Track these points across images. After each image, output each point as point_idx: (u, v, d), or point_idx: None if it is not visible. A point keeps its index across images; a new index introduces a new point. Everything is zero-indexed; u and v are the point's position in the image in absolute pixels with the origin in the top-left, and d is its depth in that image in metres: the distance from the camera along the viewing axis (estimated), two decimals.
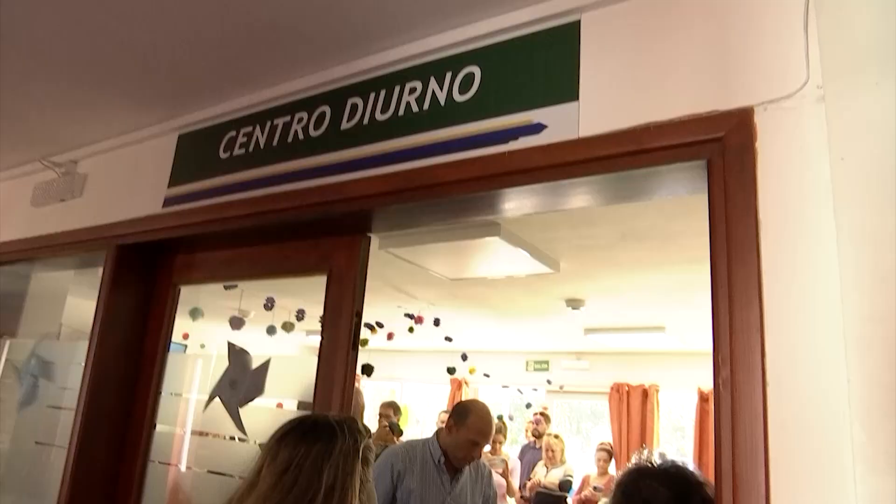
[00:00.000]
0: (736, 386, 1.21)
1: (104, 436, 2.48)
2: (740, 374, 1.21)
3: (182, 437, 2.48)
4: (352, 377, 1.96)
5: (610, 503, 1.59)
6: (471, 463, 3.17)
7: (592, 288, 4.89)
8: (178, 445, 2.47)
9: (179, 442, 2.47)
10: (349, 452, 1.32)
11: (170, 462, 2.43)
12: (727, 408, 1.22)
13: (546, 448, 6.89)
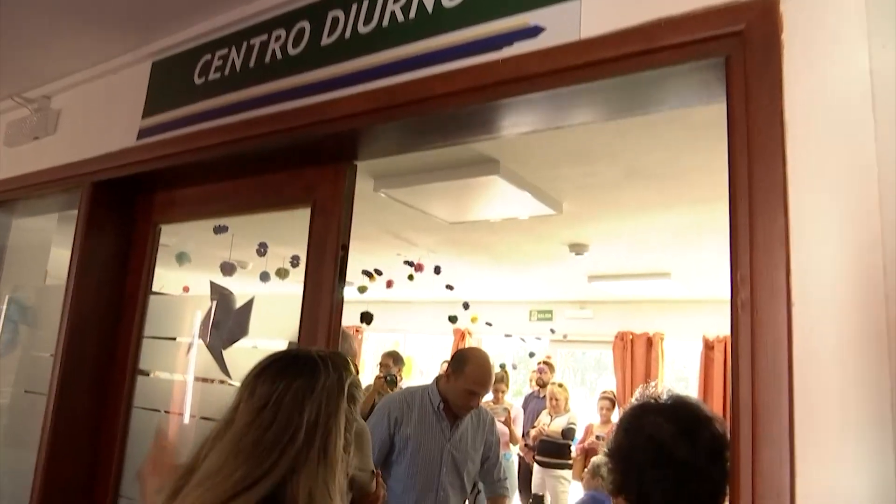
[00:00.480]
0: (757, 308, 1.07)
1: (85, 382, 2.38)
2: (762, 295, 1.07)
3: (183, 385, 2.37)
4: (338, 314, 1.83)
5: (612, 442, 1.47)
6: (470, 412, 3.08)
7: (596, 232, 4.74)
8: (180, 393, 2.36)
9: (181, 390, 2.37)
10: (333, 388, 1.18)
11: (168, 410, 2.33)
12: (746, 333, 1.08)
13: (550, 397, 6.85)
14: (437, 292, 7.34)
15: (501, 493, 3.28)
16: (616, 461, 1.42)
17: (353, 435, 1.26)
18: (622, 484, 1.39)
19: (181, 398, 2.30)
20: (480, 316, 7.49)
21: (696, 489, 1.33)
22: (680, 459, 1.32)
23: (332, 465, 1.14)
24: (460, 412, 3.04)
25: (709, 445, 1.36)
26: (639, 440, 1.38)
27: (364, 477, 2.48)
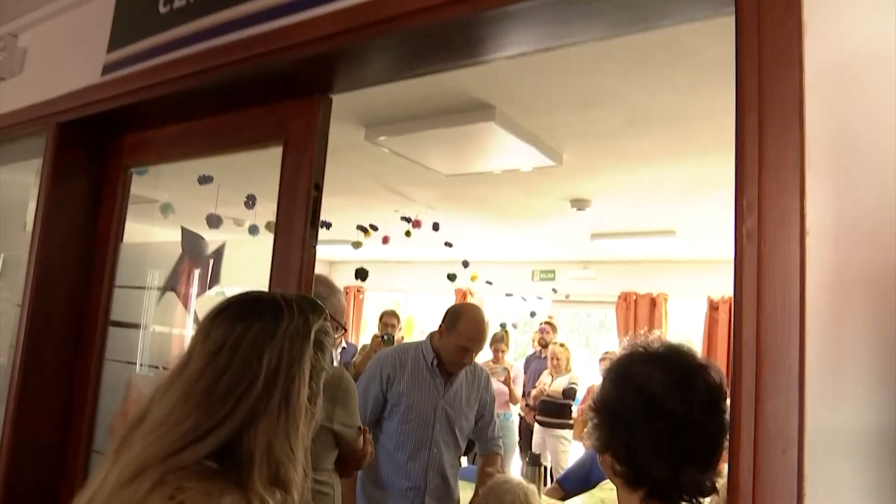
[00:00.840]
0: (765, 238, 0.93)
1: (55, 333, 2.26)
2: (771, 222, 0.93)
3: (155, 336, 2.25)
4: (310, 259, 1.70)
5: (597, 395, 1.35)
6: (463, 369, 2.97)
7: (598, 186, 4.57)
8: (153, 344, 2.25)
9: (153, 341, 2.26)
10: (297, 333, 1.06)
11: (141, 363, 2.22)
12: (752, 266, 0.94)
13: (551, 356, 6.77)
14: (438, 252, 7.21)
15: (494, 450, 3.20)
16: (602, 416, 1.29)
17: (320, 385, 1.14)
18: (608, 440, 1.27)
19: (154, 350, 2.19)
20: (482, 276, 7.37)
21: (690, 443, 1.20)
22: (672, 412, 1.20)
23: (294, 415, 1.03)
24: (453, 369, 2.93)
25: (704, 396, 1.23)
26: (626, 392, 1.25)
27: (350, 433, 2.39)
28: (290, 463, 1.01)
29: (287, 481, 1.01)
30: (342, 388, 2.37)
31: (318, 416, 1.15)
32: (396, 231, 5.61)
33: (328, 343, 1.15)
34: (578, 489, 4.32)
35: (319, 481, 2.33)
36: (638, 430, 1.21)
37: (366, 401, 2.91)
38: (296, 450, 1.03)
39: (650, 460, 1.21)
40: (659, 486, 1.22)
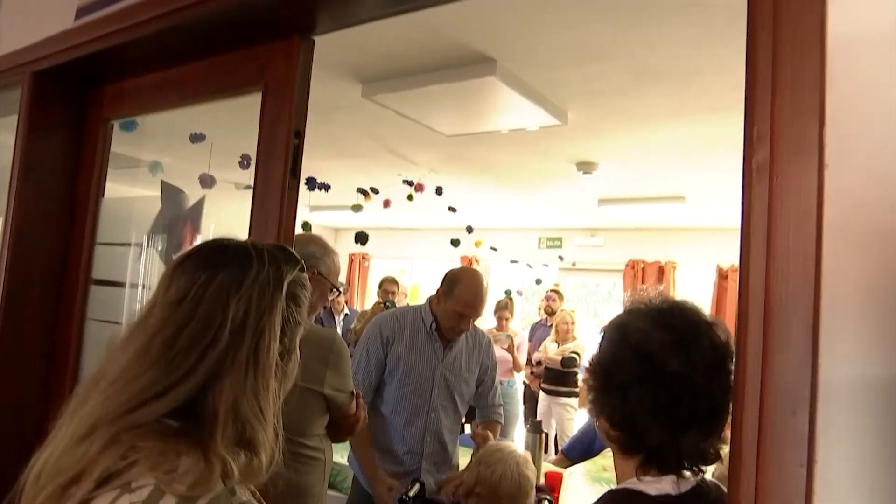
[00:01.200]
0: (777, 172, 0.82)
1: (35, 292, 2.18)
2: (784, 154, 0.81)
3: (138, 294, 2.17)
4: (291, 210, 1.59)
5: (593, 357, 1.25)
6: (460, 335, 2.88)
7: (605, 148, 4.43)
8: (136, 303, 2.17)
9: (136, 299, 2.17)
10: (268, 283, 0.97)
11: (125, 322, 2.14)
12: (762, 204, 0.83)
13: (558, 322, 6.69)
14: (443, 219, 7.11)
15: (494, 418, 3.12)
16: (597, 377, 1.19)
17: (295, 341, 1.05)
18: (603, 403, 1.17)
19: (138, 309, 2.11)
20: (487, 243, 7.27)
21: (692, 407, 1.10)
22: (672, 373, 1.10)
23: (263, 373, 0.94)
24: (450, 335, 2.85)
25: (708, 356, 1.13)
26: (623, 352, 1.15)
27: (342, 398, 2.31)
28: (258, 423, 0.93)
29: (254, 442, 0.93)
30: (334, 350, 2.28)
31: (293, 374, 1.06)
32: (399, 195, 5.49)
33: (304, 296, 1.05)
34: (582, 458, 4.27)
35: (309, 446, 2.25)
36: (634, 393, 1.11)
37: (368, 363, 2.84)
38: (265, 409, 0.94)
39: (648, 425, 1.11)
40: (657, 452, 1.13)
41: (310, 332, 2.31)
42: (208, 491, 0.86)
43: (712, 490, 1.21)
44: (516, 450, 2.37)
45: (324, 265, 2.34)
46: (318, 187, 4.67)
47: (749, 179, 0.84)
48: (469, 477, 2.34)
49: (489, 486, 2.25)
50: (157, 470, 0.83)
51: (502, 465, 2.26)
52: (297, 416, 2.18)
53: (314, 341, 2.24)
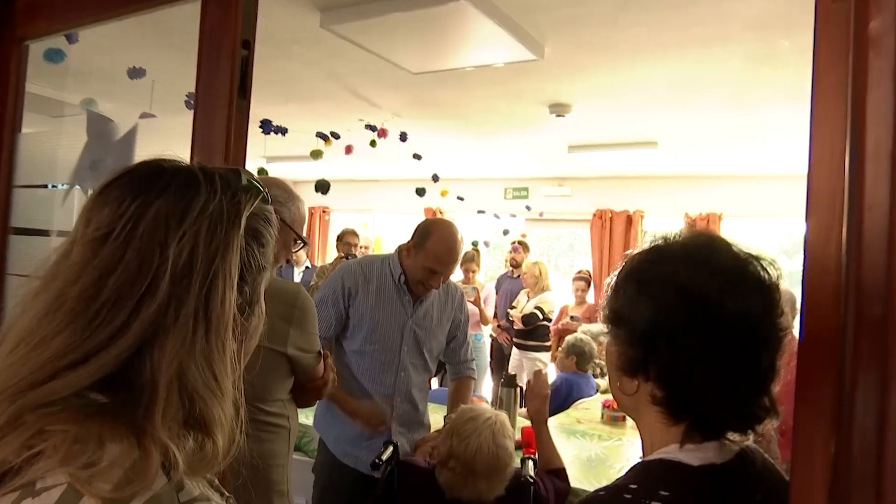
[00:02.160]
0: None
1: None
2: None
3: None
4: (240, 139, 1.33)
5: (613, 303, 1.02)
6: (429, 292, 2.66)
7: (581, 88, 4.18)
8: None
9: None
10: (221, 216, 0.74)
11: None
12: None
13: (524, 275, 6.54)
14: (407, 169, 6.82)
15: (467, 374, 2.93)
16: (629, 330, 0.97)
17: (258, 290, 0.83)
18: (643, 361, 0.95)
19: None
20: (453, 193, 7.01)
21: (753, 357, 0.91)
22: (733, 317, 0.89)
23: (217, 331, 0.72)
24: (419, 291, 2.62)
25: (765, 296, 0.93)
26: (666, 297, 0.93)
27: (308, 359, 2.06)
28: (212, 396, 0.71)
29: (208, 421, 0.71)
30: (298, 306, 2.02)
31: (257, 332, 0.85)
32: (361, 142, 5.18)
33: (269, 233, 0.82)
34: (553, 413, 4.15)
35: (271, 412, 2.00)
36: (688, 345, 0.90)
37: (325, 315, 2.61)
38: (221, 377, 0.73)
39: (705, 382, 0.90)
40: (711, 415, 0.93)
41: (272, 286, 2.06)
42: (144, 489, 0.64)
43: (756, 456, 1.02)
44: (493, 416, 2.16)
45: (287, 212, 2.07)
46: (274, 131, 4.33)
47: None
48: (442, 448, 2.14)
49: (463, 462, 2.05)
50: (71, 464, 0.62)
51: (477, 436, 2.06)
52: (257, 379, 1.93)
53: (275, 296, 1.98)
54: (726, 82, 3.88)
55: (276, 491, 2.01)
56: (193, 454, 0.71)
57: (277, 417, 2.02)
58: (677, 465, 0.94)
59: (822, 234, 0.82)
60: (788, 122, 4.66)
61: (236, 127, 1.31)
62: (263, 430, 1.97)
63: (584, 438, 3.47)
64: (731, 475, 0.96)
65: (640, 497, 0.90)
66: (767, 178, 6.73)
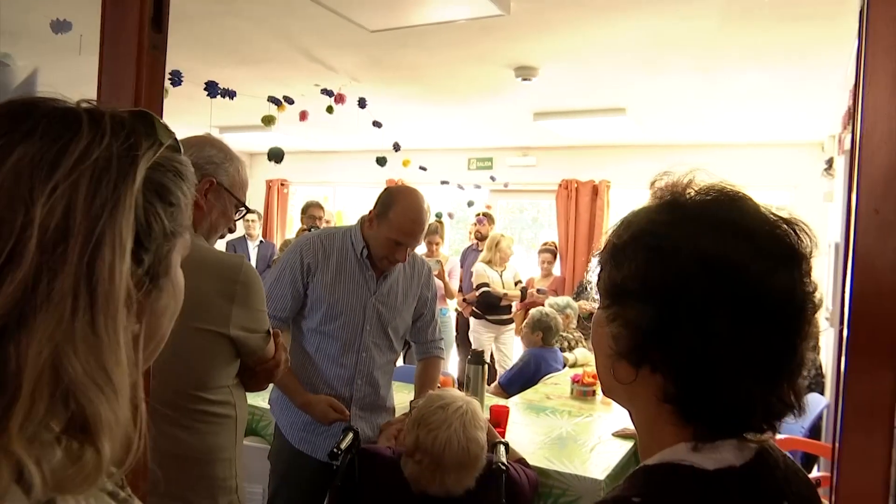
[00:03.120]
0: None
1: None
2: None
3: None
4: (155, 81, 1.10)
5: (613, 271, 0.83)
6: (394, 266, 2.46)
7: (547, 49, 3.97)
8: None
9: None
10: (108, 166, 0.58)
11: None
12: None
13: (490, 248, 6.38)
14: (368, 140, 6.55)
15: (435, 353, 2.75)
16: (633, 307, 0.78)
17: (169, 260, 0.66)
18: (650, 346, 0.76)
19: None
20: (415, 164, 6.78)
21: (790, 340, 0.74)
22: (770, 299, 0.71)
23: (106, 310, 0.56)
24: (382, 265, 2.42)
25: (803, 266, 0.75)
26: (688, 268, 0.73)
27: (255, 340, 1.82)
28: (97, 391, 0.56)
29: (91, 422, 0.55)
30: (241, 280, 1.77)
31: (171, 312, 0.70)
32: (318, 110, 4.90)
33: (181, 190, 0.66)
34: (522, 389, 4.03)
35: (215, 401, 1.77)
36: (718, 331, 0.71)
37: (281, 294, 2.41)
38: (111, 368, 0.57)
39: (734, 376, 0.72)
40: (733, 414, 0.75)
41: (210, 259, 1.81)
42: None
43: (778, 455, 0.85)
44: (464, 405, 1.98)
45: (224, 173, 1.84)
46: (221, 94, 4.04)
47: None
48: (408, 438, 1.96)
49: (431, 455, 1.87)
50: None
51: (446, 428, 1.88)
52: (197, 365, 1.70)
53: (215, 270, 1.75)
54: (699, 43, 3.72)
55: (222, 488, 1.80)
56: (63, 468, 0.55)
57: (222, 406, 1.80)
58: (689, 469, 0.76)
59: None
60: (762, 87, 4.55)
61: (150, 66, 1.08)
62: (206, 421, 1.76)
63: (553, 416, 3.33)
64: (752, 480, 0.78)
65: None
66: (739, 146, 6.65)
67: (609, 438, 2.94)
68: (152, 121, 0.64)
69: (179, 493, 1.63)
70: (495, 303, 6.25)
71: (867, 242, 0.65)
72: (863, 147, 0.67)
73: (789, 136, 6.28)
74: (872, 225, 0.64)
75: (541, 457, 2.65)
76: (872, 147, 0.66)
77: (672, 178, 0.85)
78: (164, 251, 0.64)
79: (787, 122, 5.71)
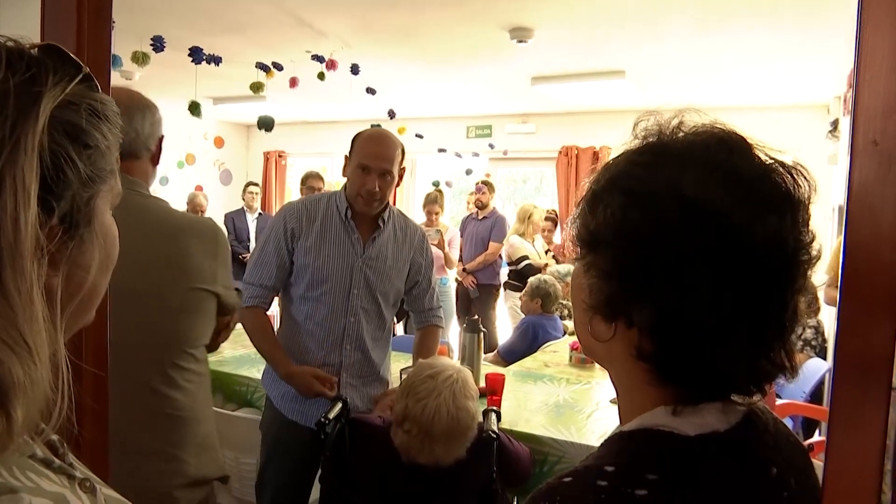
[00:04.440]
0: None
1: None
2: None
3: None
4: (100, 20, 1.02)
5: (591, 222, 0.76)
6: (371, 204, 2.36)
7: (542, 9, 3.85)
8: None
9: None
10: (5, 102, 0.52)
11: None
12: None
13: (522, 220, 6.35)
14: (364, 109, 6.44)
15: (433, 322, 2.68)
16: (607, 256, 0.71)
17: (91, 209, 0.60)
18: (625, 298, 0.70)
19: None
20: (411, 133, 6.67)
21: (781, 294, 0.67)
22: (758, 248, 0.65)
23: (11, 264, 0.51)
24: (359, 205, 2.34)
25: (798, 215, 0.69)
26: (666, 213, 0.66)
27: (233, 296, 1.87)
28: (7, 352, 0.51)
29: (3, 385, 0.50)
30: (220, 240, 1.81)
31: (96, 261, 0.62)
32: (310, 78, 4.79)
33: (99, 131, 0.59)
34: (521, 357, 3.99)
35: (199, 359, 1.78)
36: (698, 283, 0.65)
37: (266, 261, 2.37)
38: (24, 327, 0.52)
39: (717, 334, 0.66)
40: (716, 375, 0.69)
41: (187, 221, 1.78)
42: None
43: (767, 419, 0.79)
44: (454, 373, 1.92)
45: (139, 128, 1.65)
46: (207, 61, 3.94)
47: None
48: (398, 407, 1.91)
49: (420, 425, 1.82)
50: None
51: (435, 397, 1.83)
52: (196, 324, 1.75)
53: (196, 231, 1.75)
54: (700, 1, 3.60)
55: (206, 445, 1.79)
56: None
57: (202, 364, 1.84)
58: (669, 435, 0.70)
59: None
60: (766, 48, 4.42)
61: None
62: (192, 380, 1.76)
63: (551, 383, 3.29)
64: (737, 446, 0.72)
65: (621, 483, 0.65)
66: (742, 109, 6.51)
67: (607, 405, 2.90)
68: (61, 54, 0.58)
69: (172, 452, 1.68)
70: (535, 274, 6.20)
71: (864, 178, 0.58)
72: (860, 74, 0.60)
73: (793, 97, 6.15)
74: (870, 158, 0.57)
75: (537, 424, 2.61)
76: (872, 73, 0.59)
77: (658, 118, 0.79)
78: (83, 198, 0.58)
79: (792, 83, 5.59)
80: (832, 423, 0.60)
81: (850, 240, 0.58)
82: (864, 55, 0.60)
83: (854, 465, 0.59)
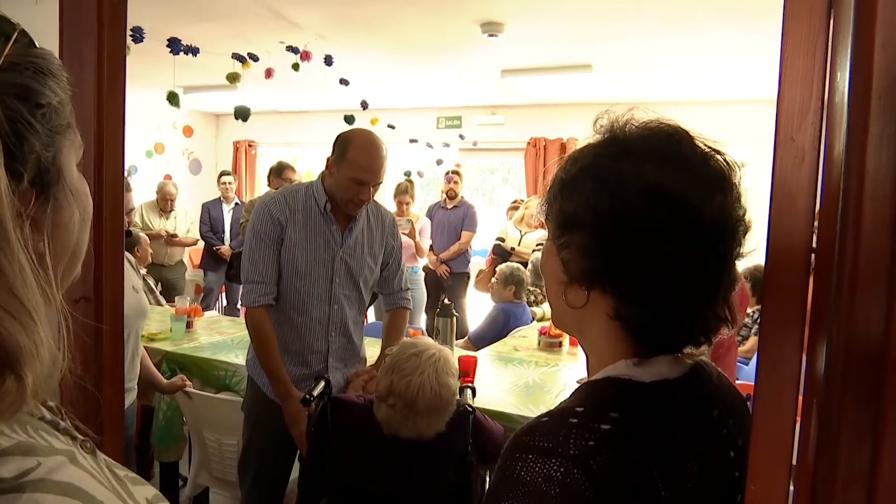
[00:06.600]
0: None
1: None
2: None
3: None
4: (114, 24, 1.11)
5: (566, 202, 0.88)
6: (361, 209, 2.48)
7: (513, 4, 3.98)
8: None
9: None
10: None
11: None
12: None
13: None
14: (336, 99, 6.50)
15: (402, 304, 2.78)
16: (585, 235, 0.83)
17: (57, 166, 0.57)
18: (601, 270, 0.83)
19: None
20: (383, 123, 6.76)
21: (727, 261, 0.83)
22: (708, 224, 0.79)
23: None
24: (349, 210, 2.44)
25: (735, 192, 0.83)
26: (634, 198, 0.79)
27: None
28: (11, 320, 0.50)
29: (12, 352, 0.50)
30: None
31: (74, 220, 0.61)
32: (284, 68, 4.85)
33: (49, 89, 0.56)
34: (491, 342, 4.12)
35: None
36: (664, 255, 0.78)
37: (263, 257, 2.40)
38: (22, 293, 0.51)
39: (679, 295, 0.80)
40: (674, 329, 0.83)
41: None
42: None
43: (711, 371, 0.94)
44: (436, 352, 2.05)
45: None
46: (184, 51, 3.98)
47: None
48: (382, 383, 2.02)
49: (405, 399, 1.95)
50: None
51: (420, 374, 1.95)
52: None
53: None
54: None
55: None
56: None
57: None
58: (627, 382, 0.84)
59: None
60: (728, 45, 4.60)
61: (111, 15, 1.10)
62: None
63: (521, 366, 3.43)
64: (684, 390, 0.87)
65: (588, 420, 0.79)
66: (704, 103, 6.73)
67: (574, 385, 3.03)
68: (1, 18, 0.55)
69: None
70: (506, 256, 6.27)
71: (784, 168, 0.71)
72: (782, 81, 0.73)
73: (753, 92, 6.38)
74: (788, 152, 0.71)
75: (507, 403, 2.75)
76: (791, 81, 0.72)
77: (613, 116, 0.92)
78: (48, 158, 0.57)
79: (752, 79, 5.79)
80: (759, 368, 0.73)
81: (774, 217, 0.72)
82: (784, 66, 0.73)
83: (774, 404, 0.73)
